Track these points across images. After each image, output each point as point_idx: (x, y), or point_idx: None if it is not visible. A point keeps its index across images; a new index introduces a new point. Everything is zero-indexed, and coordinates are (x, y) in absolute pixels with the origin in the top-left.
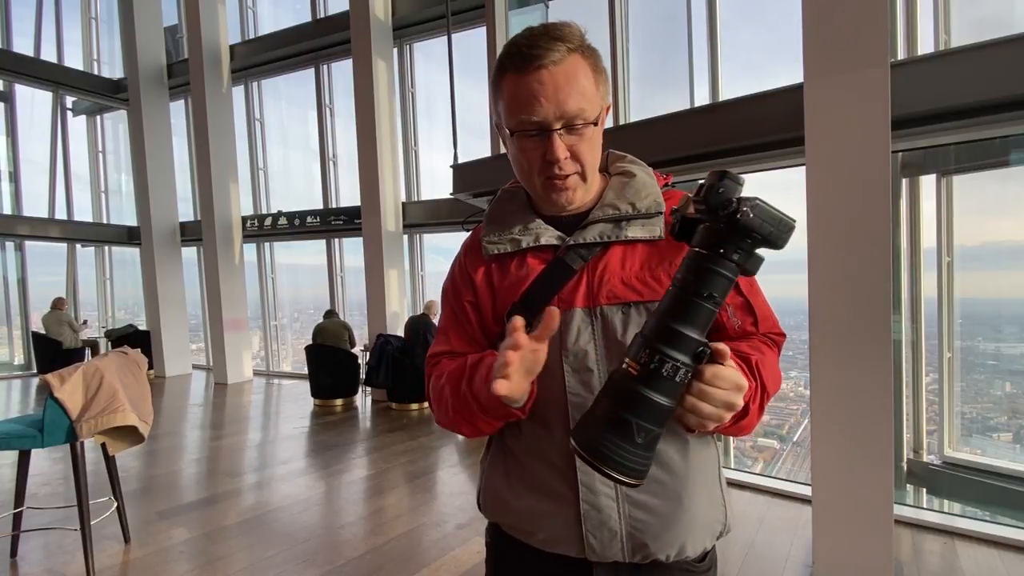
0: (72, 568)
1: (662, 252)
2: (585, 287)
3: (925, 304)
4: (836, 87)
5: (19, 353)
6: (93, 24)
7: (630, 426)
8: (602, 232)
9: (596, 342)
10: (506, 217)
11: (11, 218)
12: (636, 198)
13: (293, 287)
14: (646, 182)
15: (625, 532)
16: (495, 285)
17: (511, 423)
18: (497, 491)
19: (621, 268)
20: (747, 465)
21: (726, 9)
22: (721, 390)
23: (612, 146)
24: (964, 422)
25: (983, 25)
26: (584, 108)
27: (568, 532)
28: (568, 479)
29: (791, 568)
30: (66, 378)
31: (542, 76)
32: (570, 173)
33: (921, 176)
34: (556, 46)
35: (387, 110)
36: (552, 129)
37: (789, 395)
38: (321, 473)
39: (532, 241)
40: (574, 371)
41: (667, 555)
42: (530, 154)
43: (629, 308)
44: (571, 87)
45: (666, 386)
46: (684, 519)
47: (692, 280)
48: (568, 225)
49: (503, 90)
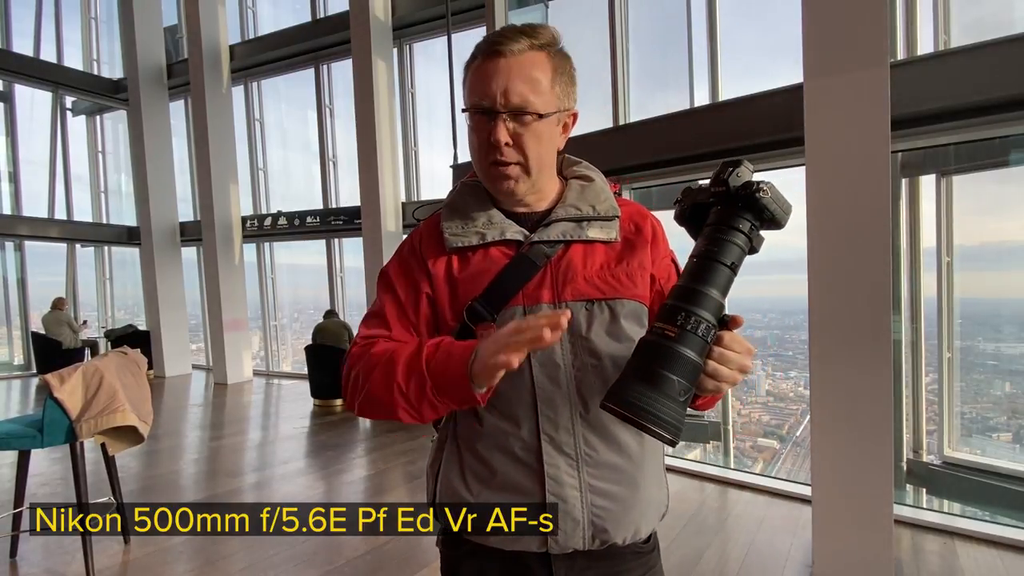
0: (72, 568)
1: (619, 253)
2: (550, 283)
3: (925, 304)
4: (836, 87)
5: (19, 353)
6: (93, 24)
7: (672, 382)
8: (564, 231)
9: (563, 338)
10: (468, 210)
11: (11, 218)
12: (596, 201)
13: (293, 287)
14: (603, 188)
15: (587, 520)
16: (455, 277)
17: (469, 420)
18: (454, 491)
19: (583, 266)
20: (747, 465)
21: (726, 9)
22: (737, 354)
23: (612, 146)
24: (964, 422)
25: (978, 27)
26: (531, 100)
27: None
28: (533, 473)
29: (791, 568)
30: (66, 378)
31: (498, 63)
32: (511, 162)
33: (921, 176)
34: (520, 39)
35: (387, 110)
36: (498, 112)
37: (789, 395)
38: (321, 473)
39: (497, 235)
40: (541, 366)
41: (623, 539)
42: (477, 134)
43: (592, 305)
44: (522, 76)
45: (697, 343)
46: (639, 503)
47: (715, 250)
48: (530, 223)
49: (467, 75)
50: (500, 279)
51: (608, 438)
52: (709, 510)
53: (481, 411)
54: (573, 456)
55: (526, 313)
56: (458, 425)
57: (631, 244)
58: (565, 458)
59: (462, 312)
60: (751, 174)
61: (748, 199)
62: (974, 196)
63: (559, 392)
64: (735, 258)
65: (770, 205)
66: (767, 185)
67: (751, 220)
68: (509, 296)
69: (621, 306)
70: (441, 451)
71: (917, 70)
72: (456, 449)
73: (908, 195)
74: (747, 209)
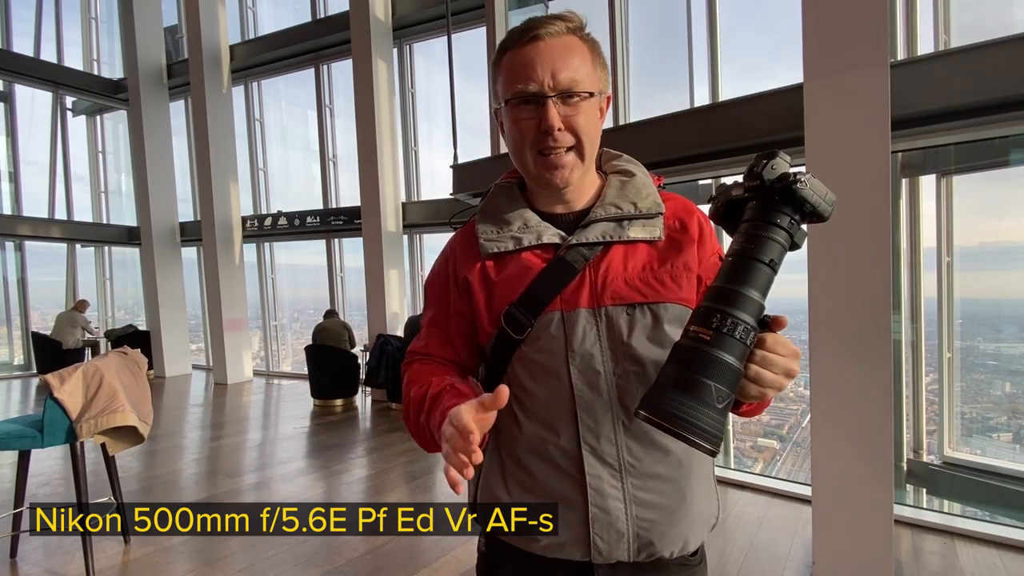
0: (72, 568)
1: (662, 253)
2: (588, 287)
3: (925, 304)
4: (836, 87)
5: (19, 353)
6: (93, 24)
7: (709, 389)
8: (604, 232)
9: (602, 344)
10: (502, 213)
11: (11, 218)
12: (637, 198)
13: (293, 287)
14: (645, 182)
15: (632, 532)
16: (492, 280)
17: (509, 425)
18: (495, 495)
19: (624, 269)
20: (747, 465)
21: (726, 9)
22: (782, 357)
23: (612, 146)
24: (964, 422)
25: (973, 30)
26: (579, 80)
27: (573, 535)
28: (575, 482)
29: (791, 568)
30: (66, 378)
31: (538, 46)
32: (565, 147)
33: (921, 176)
34: (555, 23)
35: (387, 110)
36: (547, 96)
37: (789, 395)
38: (321, 473)
39: (534, 239)
40: (580, 373)
41: (671, 552)
42: (524, 124)
43: (634, 309)
44: (567, 59)
45: (736, 348)
46: (687, 516)
47: (752, 248)
48: (567, 224)
49: (501, 67)
50: (536, 284)
51: (653, 448)
52: None
53: (520, 417)
54: (616, 467)
55: (564, 319)
56: (499, 429)
57: (676, 243)
58: (608, 468)
59: (499, 318)
60: (787, 165)
61: (785, 192)
62: (974, 196)
63: (600, 400)
64: (775, 255)
65: (810, 197)
66: (806, 176)
67: (790, 214)
68: (546, 302)
69: (664, 310)
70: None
71: (917, 70)
72: (498, 453)
73: (908, 195)
74: (785, 203)
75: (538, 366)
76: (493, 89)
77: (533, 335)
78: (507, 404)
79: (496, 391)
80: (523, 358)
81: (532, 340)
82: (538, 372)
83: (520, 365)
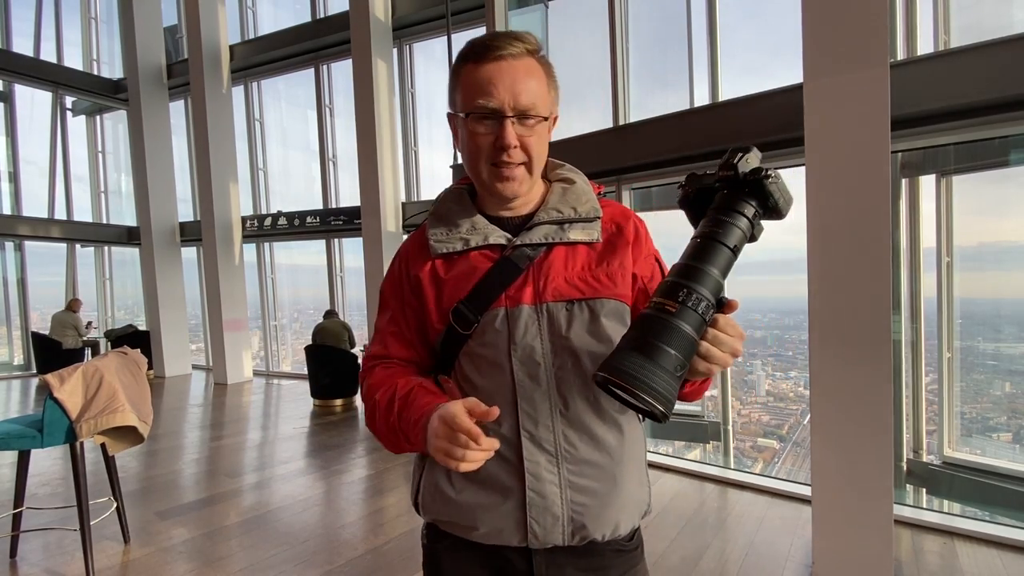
0: (72, 568)
1: (600, 254)
2: (531, 285)
3: (925, 304)
4: (836, 87)
5: (19, 353)
6: (93, 24)
7: (669, 356)
8: (547, 234)
9: (542, 337)
10: (452, 216)
11: (11, 218)
12: (577, 203)
13: (293, 287)
14: (585, 189)
15: (567, 516)
16: (441, 279)
17: None
18: (437, 487)
19: (564, 268)
20: (747, 465)
21: (726, 9)
22: (730, 337)
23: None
24: (964, 422)
25: (973, 30)
26: (536, 104)
27: (512, 521)
28: (514, 469)
29: (791, 568)
30: (66, 378)
31: (501, 65)
32: (518, 163)
33: (921, 176)
34: (516, 43)
35: (387, 110)
36: (505, 116)
37: (789, 395)
38: (321, 473)
39: (481, 240)
40: (522, 364)
41: (603, 535)
42: (481, 138)
43: (573, 305)
44: (527, 81)
45: (694, 319)
46: (619, 499)
47: (719, 232)
48: (512, 227)
49: (460, 78)
50: (483, 282)
51: (588, 435)
52: (709, 510)
53: None
54: (553, 453)
55: (508, 315)
56: None
57: (613, 245)
58: (545, 454)
59: (448, 315)
60: (759, 160)
61: (755, 184)
62: (974, 196)
63: (539, 390)
64: (737, 241)
65: (775, 193)
66: (775, 173)
67: (756, 206)
68: (492, 299)
69: (601, 305)
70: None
71: (917, 70)
72: None
73: (908, 195)
74: (753, 195)
75: (483, 359)
76: (452, 96)
77: (479, 330)
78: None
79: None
80: (469, 353)
81: (478, 335)
82: (483, 365)
83: (467, 360)
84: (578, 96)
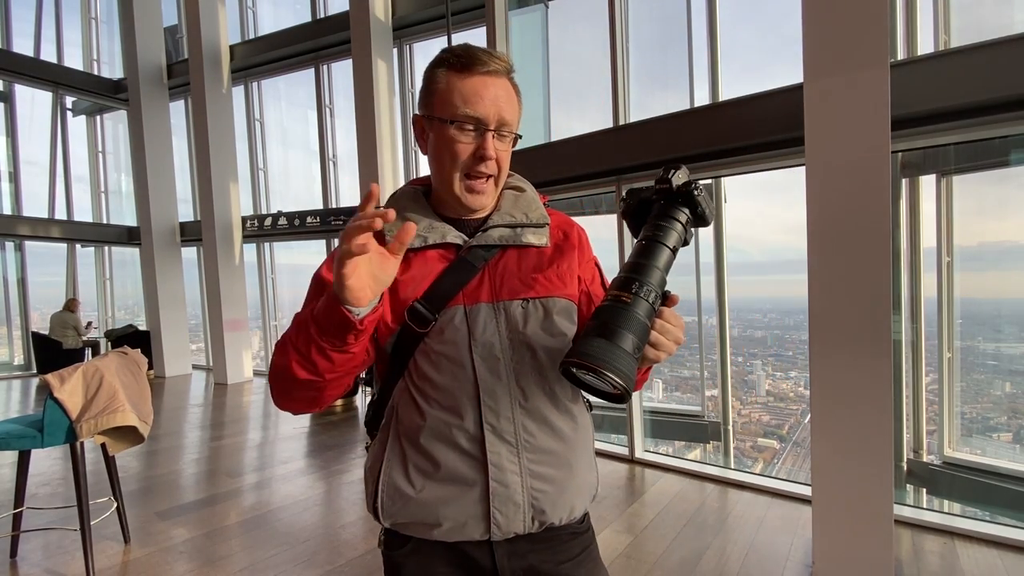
0: (72, 568)
1: (549, 258)
2: (488, 284)
3: (925, 304)
4: (836, 87)
5: (19, 353)
6: (93, 24)
7: (628, 337)
8: (502, 236)
9: (501, 333)
10: (408, 215)
11: (11, 218)
12: (528, 210)
13: (293, 287)
14: (534, 198)
15: (528, 503)
16: (396, 279)
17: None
18: (396, 488)
19: (518, 269)
20: (747, 465)
21: (726, 9)
22: (674, 326)
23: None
24: (964, 422)
25: (973, 30)
26: (513, 122)
27: (474, 513)
28: (477, 461)
29: (791, 568)
30: (66, 378)
31: (488, 80)
32: (489, 175)
33: (921, 176)
34: (499, 61)
35: (387, 110)
36: (488, 128)
37: (789, 395)
38: (321, 473)
39: (439, 238)
40: (483, 360)
41: (560, 518)
42: (461, 146)
43: (527, 303)
44: (510, 99)
45: (645, 308)
46: (573, 485)
47: (660, 235)
48: (468, 230)
49: (439, 82)
50: (440, 281)
51: (545, 424)
52: (709, 510)
53: (423, 405)
54: (513, 443)
55: (467, 313)
56: (400, 422)
57: (560, 249)
58: (506, 445)
59: (403, 313)
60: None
61: (687, 195)
62: (974, 196)
63: (500, 384)
64: (675, 242)
65: (703, 202)
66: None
67: (688, 214)
68: (449, 297)
69: (553, 303)
70: (383, 450)
71: (917, 70)
72: (399, 446)
73: (908, 195)
74: (685, 204)
75: (443, 357)
76: (423, 99)
77: (437, 328)
78: (408, 395)
79: (405, 227)
80: (426, 351)
81: (436, 333)
82: (443, 363)
83: (423, 358)
84: (578, 96)
